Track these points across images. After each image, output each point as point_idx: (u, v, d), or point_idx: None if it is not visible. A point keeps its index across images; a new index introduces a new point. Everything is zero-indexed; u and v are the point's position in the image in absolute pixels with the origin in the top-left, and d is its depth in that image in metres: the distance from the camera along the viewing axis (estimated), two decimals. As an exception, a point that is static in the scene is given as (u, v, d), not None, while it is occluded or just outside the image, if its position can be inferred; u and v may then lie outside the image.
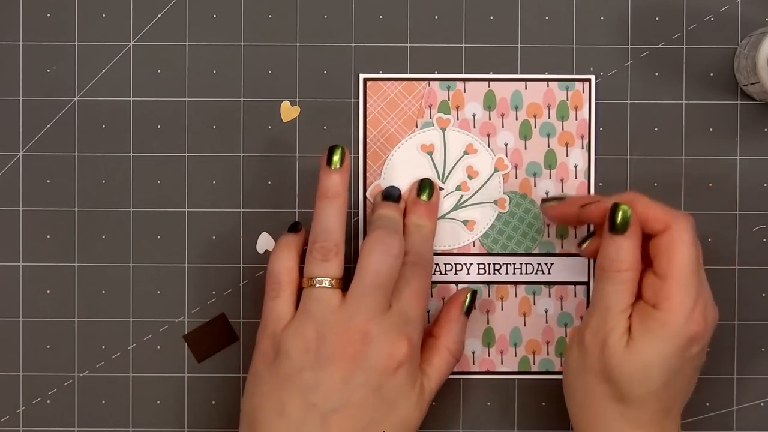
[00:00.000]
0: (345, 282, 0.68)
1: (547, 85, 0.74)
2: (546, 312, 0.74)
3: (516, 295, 0.74)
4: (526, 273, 0.74)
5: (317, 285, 0.67)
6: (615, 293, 0.66)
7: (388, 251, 0.67)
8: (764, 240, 0.74)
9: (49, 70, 0.74)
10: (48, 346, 0.74)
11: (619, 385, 0.65)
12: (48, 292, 0.74)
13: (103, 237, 0.74)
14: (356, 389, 0.65)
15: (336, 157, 0.68)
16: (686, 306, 0.65)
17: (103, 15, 0.74)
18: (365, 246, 0.67)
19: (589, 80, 0.74)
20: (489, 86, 0.74)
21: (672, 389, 0.66)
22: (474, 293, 0.73)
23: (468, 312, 0.72)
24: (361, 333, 0.66)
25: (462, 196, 0.74)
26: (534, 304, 0.74)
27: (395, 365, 0.66)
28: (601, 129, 0.74)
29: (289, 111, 0.73)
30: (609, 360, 0.65)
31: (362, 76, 0.74)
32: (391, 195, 0.72)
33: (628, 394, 0.65)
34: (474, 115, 0.74)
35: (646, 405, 0.65)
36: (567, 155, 0.74)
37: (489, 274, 0.74)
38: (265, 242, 0.74)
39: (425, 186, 0.72)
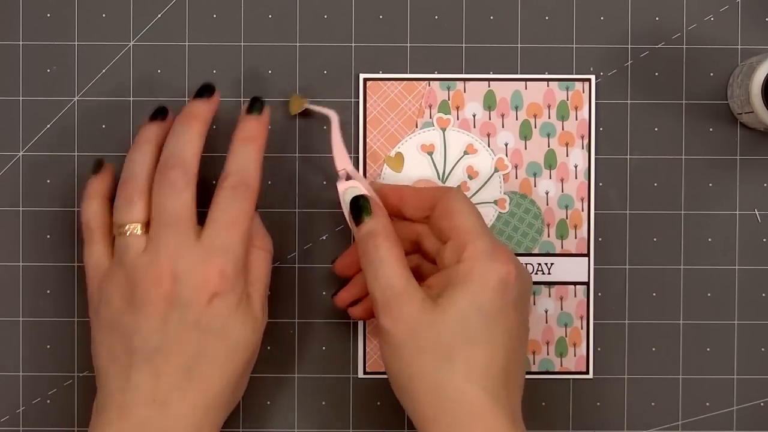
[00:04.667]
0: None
1: (547, 85, 0.74)
2: (546, 312, 0.74)
3: (516, 295, 0.74)
4: (526, 273, 0.74)
5: (124, 233, 0.66)
6: (387, 266, 0.64)
7: (172, 187, 0.66)
8: (764, 240, 0.74)
9: (49, 70, 0.74)
10: (48, 346, 0.74)
11: (437, 347, 0.63)
12: (48, 292, 0.74)
13: (103, 237, 0.74)
14: (174, 328, 0.65)
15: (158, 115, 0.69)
16: (485, 248, 0.64)
17: (103, 15, 0.74)
18: (155, 180, 0.67)
19: (589, 80, 0.74)
20: (489, 86, 0.74)
21: (497, 338, 0.63)
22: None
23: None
24: (167, 272, 0.65)
25: (462, 196, 0.74)
26: (534, 304, 0.74)
27: (208, 297, 0.65)
28: (601, 129, 0.74)
29: (298, 102, 0.73)
30: (418, 328, 0.63)
31: (362, 76, 0.74)
32: (201, 93, 0.69)
33: (448, 352, 0.63)
34: (474, 115, 0.74)
35: (474, 359, 0.63)
36: (567, 155, 0.74)
37: (489, 274, 0.74)
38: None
39: (255, 102, 0.69)
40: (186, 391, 0.65)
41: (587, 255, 0.74)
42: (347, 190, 0.69)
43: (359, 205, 0.67)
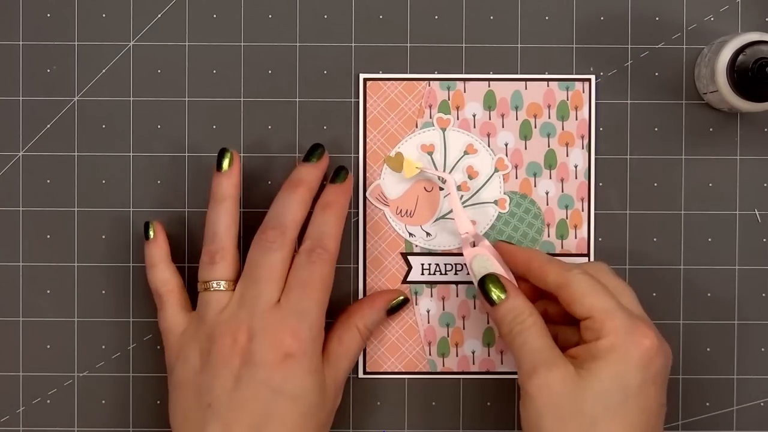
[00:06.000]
0: None
1: (547, 85, 0.74)
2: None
3: (516, 295, 0.74)
4: (526, 273, 0.74)
5: (208, 288, 0.68)
6: (532, 337, 0.65)
7: (267, 247, 0.67)
8: (764, 240, 0.74)
9: (49, 70, 0.74)
10: (48, 346, 0.74)
11: (579, 416, 0.64)
12: (48, 292, 0.74)
13: (103, 237, 0.74)
14: (246, 385, 0.65)
15: (225, 162, 0.70)
16: (624, 325, 0.64)
17: (103, 15, 0.74)
18: (254, 237, 0.69)
19: (589, 80, 0.74)
20: (489, 86, 0.74)
21: (635, 414, 0.64)
22: (406, 300, 0.73)
23: (390, 312, 0.72)
24: (244, 328, 0.66)
25: (462, 196, 0.74)
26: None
27: (280, 357, 0.66)
28: (601, 129, 0.74)
29: (410, 168, 0.73)
30: (560, 395, 0.64)
31: (362, 76, 0.74)
32: (309, 157, 0.71)
33: (591, 423, 0.63)
34: (474, 115, 0.74)
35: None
36: (567, 155, 0.74)
37: (489, 274, 0.74)
38: None
39: (339, 172, 0.71)
40: None
41: (587, 255, 0.74)
42: (474, 258, 0.70)
43: (489, 286, 0.67)
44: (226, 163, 0.70)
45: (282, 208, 0.69)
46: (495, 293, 0.67)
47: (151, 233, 0.71)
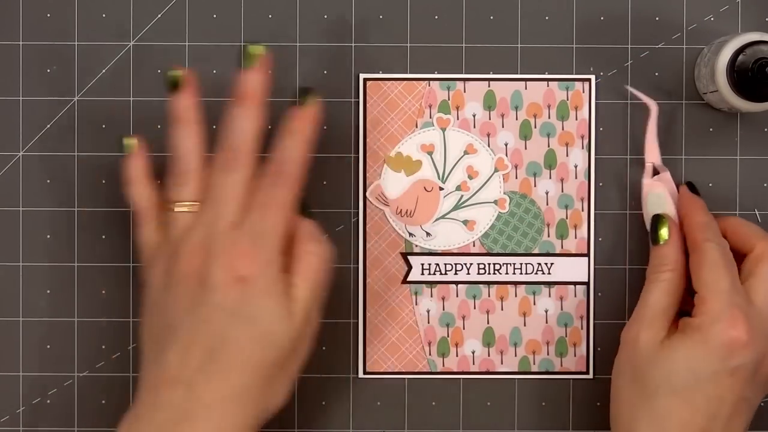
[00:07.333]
0: None
1: (547, 85, 0.74)
2: (546, 312, 0.74)
3: (516, 295, 0.74)
4: (526, 273, 0.74)
5: (173, 209, 0.68)
6: (655, 291, 0.67)
7: (226, 167, 0.67)
8: (764, 240, 0.74)
9: (49, 70, 0.74)
10: (48, 346, 0.74)
11: (644, 381, 0.66)
12: (48, 292, 0.74)
13: (103, 237, 0.74)
14: (203, 307, 0.64)
15: (175, 81, 0.69)
16: (719, 310, 0.65)
17: (103, 15, 0.74)
18: (215, 159, 0.68)
19: (589, 80, 0.74)
20: (489, 86, 0.74)
21: (701, 399, 0.65)
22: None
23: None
24: (200, 251, 0.65)
25: (462, 196, 0.74)
26: (534, 304, 0.74)
27: (234, 279, 0.64)
28: (601, 129, 0.74)
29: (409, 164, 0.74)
30: (638, 355, 0.66)
31: (362, 76, 0.74)
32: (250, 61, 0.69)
33: (653, 392, 0.65)
34: (474, 115, 0.74)
35: (672, 410, 0.65)
36: (567, 155, 0.74)
37: (489, 274, 0.74)
38: None
39: (303, 93, 0.69)
40: (210, 375, 0.64)
41: (587, 255, 0.74)
42: (650, 193, 0.72)
43: (658, 226, 0.70)
44: (177, 83, 0.68)
45: (237, 127, 0.67)
46: (659, 235, 0.69)
47: (132, 148, 0.70)
